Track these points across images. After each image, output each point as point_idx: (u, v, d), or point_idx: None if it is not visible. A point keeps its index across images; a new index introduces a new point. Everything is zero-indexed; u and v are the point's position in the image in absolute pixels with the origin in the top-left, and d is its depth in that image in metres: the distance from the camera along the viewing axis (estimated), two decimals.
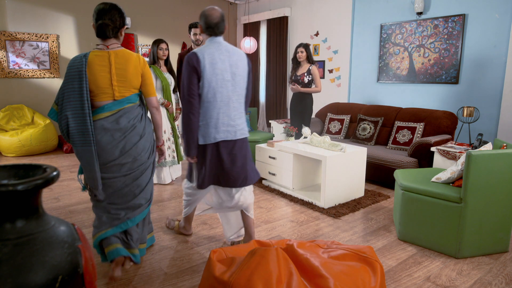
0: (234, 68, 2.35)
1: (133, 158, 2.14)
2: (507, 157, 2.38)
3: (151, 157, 2.27)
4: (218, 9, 2.37)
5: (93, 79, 2.03)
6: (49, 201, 3.59)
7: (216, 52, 2.29)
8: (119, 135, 2.08)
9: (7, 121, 5.62)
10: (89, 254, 1.23)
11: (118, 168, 2.12)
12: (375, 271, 1.76)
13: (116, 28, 2.08)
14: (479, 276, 2.28)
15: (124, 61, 2.08)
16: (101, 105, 2.07)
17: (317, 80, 4.55)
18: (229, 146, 2.37)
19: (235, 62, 2.36)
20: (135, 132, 2.13)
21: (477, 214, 2.44)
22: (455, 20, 4.76)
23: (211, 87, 2.27)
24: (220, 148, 2.35)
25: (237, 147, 2.40)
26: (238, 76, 2.36)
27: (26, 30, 5.93)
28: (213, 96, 2.29)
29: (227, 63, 2.32)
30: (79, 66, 2.01)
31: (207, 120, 2.32)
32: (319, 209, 3.40)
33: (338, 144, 3.58)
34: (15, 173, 1.23)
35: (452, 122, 4.25)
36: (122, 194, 2.16)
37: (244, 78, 2.43)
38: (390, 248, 2.66)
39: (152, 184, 2.32)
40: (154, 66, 4.00)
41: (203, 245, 2.69)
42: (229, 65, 2.33)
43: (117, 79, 2.07)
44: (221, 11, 2.37)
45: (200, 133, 2.34)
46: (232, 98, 2.36)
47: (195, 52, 2.26)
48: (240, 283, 1.57)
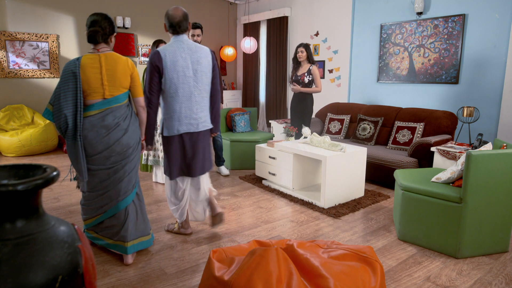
0: (196, 65, 2.52)
1: (116, 153, 2.32)
2: (507, 157, 2.38)
3: (135, 153, 2.43)
4: (181, 9, 2.52)
5: (85, 80, 2.21)
6: (49, 201, 3.59)
7: (177, 50, 2.46)
8: (104, 131, 2.27)
9: (7, 121, 5.62)
10: (89, 254, 1.23)
11: (102, 161, 2.31)
12: (375, 271, 1.76)
13: (105, 34, 2.28)
14: (479, 276, 2.28)
15: (113, 62, 2.27)
16: (92, 103, 2.26)
17: (317, 80, 4.55)
18: (192, 138, 2.59)
19: (197, 59, 2.52)
20: (118, 129, 2.30)
21: (477, 214, 2.44)
22: (455, 20, 4.76)
23: (172, 83, 2.46)
24: (184, 139, 2.56)
25: (200, 138, 2.61)
26: (200, 72, 2.54)
27: (26, 30, 5.93)
28: (175, 91, 2.48)
29: (188, 60, 2.49)
30: (73, 68, 2.20)
31: (171, 114, 2.51)
32: (319, 209, 3.40)
33: (338, 144, 3.59)
34: (15, 173, 1.23)
35: (452, 122, 4.25)
36: (107, 184, 2.36)
37: (207, 74, 2.60)
38: (390, 248, 2.66)
39: (135, 175, 2.46)
40: None
41: (203, 245, 2.69)
42: (190, 62, 2.50)
43: (107, 79, 2.25)
44: (184, 11, 2.52)
45: (165, 125, 2.55)
46: (194, 93, 2.54)
47: (158, 51, 2.45)
48: (240, 283, 1.57)
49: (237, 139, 4.76)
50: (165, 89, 2.48)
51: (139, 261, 2.45)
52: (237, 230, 2.96)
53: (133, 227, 2.43)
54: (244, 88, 8.34)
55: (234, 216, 3.25)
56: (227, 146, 4.82)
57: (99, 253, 2.55)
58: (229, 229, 2.98)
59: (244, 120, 5.12)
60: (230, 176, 4.53)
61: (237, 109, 5.22)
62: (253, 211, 3.38)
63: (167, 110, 2.53)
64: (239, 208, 3.46)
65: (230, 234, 2.89)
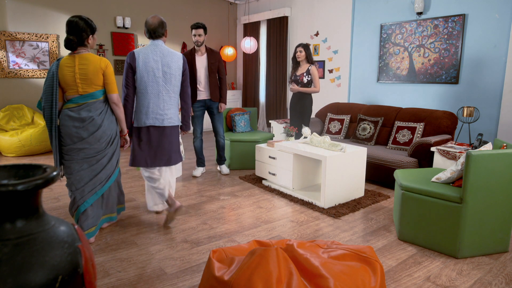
0: (166, 67, 2.87)
1: (89, 145, 2.59)
2: (507, 157, 2.38)
3: (109, 147, 2.69)
4: (158, 17, 2.89)
5: (62, 78, 2.54)
6: (49, 201, 3.59)
7: (151, 53, 2.85)
8: (78, 124, 2.55)
9: (7, 121, 5.63)
10: (89, 254, 1.23)
11: (76, 153, 2.59)
12: (375, 271, 1.76)
13: (81, 41, 2.54)
14: (479, 276, 2.28)
15: (86, 62, 2.54)
16: (70, 98, 2.59)
17: (315, 80, 4.55)
18: (157, 131, 2.92)
19: (168, 63, 2.88)
20: (92, 123, 2.57)
21: (477, 214, 2.44)
22: (455, 20, 4.76)
23: (143, 81, 2.84)
24: (150, 131, 2.91)
25: (166, 133, 2.95)
26: (169, 74, 2.89)
27: (26, 30, 5.93)
28: (145, 89, 2.86)
29: (159, 63, 2.86)
30: (53, 68, 2.55)
31: (140, 108, 2.89)
32: (319, 209, 3.40)
33: (338, 144, 3.58)
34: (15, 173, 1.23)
35: (452, 122, 4.25)
36: (81, 176, 2.62)
37: (177, 77, 2.95)
38: (390, 248, 2.66)
39: (110, 169, 2.72)
40: None
41: (203, 245, 2.70)
42: (161, 64, 2.86)
43: (80, 77, 2.54)
44: (161, 19, 2.89)
45: (135, 117, 2.93)
46: (162, 92, 2.89)
47: (133, 51, 2.84)
48: (240, 283, 1.57)
49: (237, 139, 4.76)
50: (137, 86, 2.87)
51: (139, 261, 2.45)
52: (237, 230, 2.96)
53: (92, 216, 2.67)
54: (244, 88, 8.34)
55: (234, 216, 3.25)
56: (227, 146, 4.82)
57: (99, 253, 2.55)
58: (229, 229, 2.98)
59: (244, 120, 5.12)
60: (230, 176, 4.53)
61: (237, 109, 5.22)
62: (253, 211, 3.38)
63: (137, 104, 2.91)
64: (239, 208, 3.46)
65: (230, 234, 2.89)
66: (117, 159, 2.79)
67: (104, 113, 2.64)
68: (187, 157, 5.52)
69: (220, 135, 4.51)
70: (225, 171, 4.61)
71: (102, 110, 2.63)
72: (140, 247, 2.64)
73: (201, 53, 4.25)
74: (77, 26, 2.50)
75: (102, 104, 2.64)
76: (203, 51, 4.25)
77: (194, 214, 3.28)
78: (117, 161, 2.80)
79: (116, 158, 2.78)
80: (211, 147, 6.35)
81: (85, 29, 2.53)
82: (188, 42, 7.86)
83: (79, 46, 2.55)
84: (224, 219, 3.19)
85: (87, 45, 2.59)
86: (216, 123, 4.46)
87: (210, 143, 6.68)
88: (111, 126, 2.68)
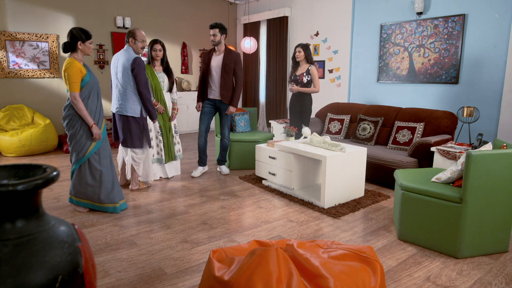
0: (117, 67, 3.62)
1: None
2: (507, 157, 2.38)
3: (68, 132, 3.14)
4: (131, 29, 3.69)
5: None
6: (49, 201, 3.59)
7: (117, 55, 3.67)
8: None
9: (7, 121, 5.62)
10: (89, 254, 1.23)
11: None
12: (375, 271, 1.76)
13: (66, 48, 3.03)
14: (479, 276, 2.28)
15: (64, 64, 3.02)
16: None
17: (315, 80, 4.55)
18: (116, 117, 3.75)
19: (119, 63, 3.60)
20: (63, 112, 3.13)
21: (477, 214, 2.44)
22: (455, 20, 4.76)
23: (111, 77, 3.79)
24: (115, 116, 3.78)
25: (117, 119, 3.72)
26: (119, 72, 3.60)
27: (26, 30, 5.93)
28: (112, 83, 3.77)
29: (116, 63, 3.64)
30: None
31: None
32: (319, 209, 3.40)
33: (338, 144, 3.58)
34: (15, 173, 1.23)
35: (452, 122, 4.25)
36: None
37: (123, 75, 3.57)
38: (390, 248, 2.66)
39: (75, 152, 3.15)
40: (148, 66, 4.10)
41: (203, 245, 2.70)
42: (117, 65, 3.63)
43: (63, 76, 3.06)
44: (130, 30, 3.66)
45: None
46: (116, 87, 3.67)
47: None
48: (240, 283, 1.57)
49: (237, 139, 4.76)
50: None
51: (139, 261, 2.45)
52: (237, 230, 2.96)
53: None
54: (244, 88, 8.34)
55: (234, 216, 3.25)
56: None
57: (99, 253, 2.55)
58: (229, 229, 2.98)
59: (244, 120, 5.12)
60: (230, 176, 4.53)
61: (237, 109, 5.22)
62: (253, 211, 3.38)
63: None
64: (239, 208, 3.46)
65: (230, 234, 2.89)
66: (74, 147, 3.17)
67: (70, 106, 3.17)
68: (187, 157, 5.52)
69: (225, 135, 4.52)
70: (225, 172, 4.61)
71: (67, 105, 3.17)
72: (140, 247, 2.64)
73: (219, 53, 4.28)
74: (68, 36, 3.08)
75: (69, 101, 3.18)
76: (221, 51, 4.27)
77: (194, 214, 3.28)
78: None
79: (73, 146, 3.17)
80: (212, 147, 6.35)
81: (70, 38, 3.05)
82: (188, 42, 7.86)
83: (72, 51, 3.07)
84: (224, 219, 3.19)
85: (79, 49, 3.07)
86: (222, 124, 4.49)
87: (210, 143, 6.68)
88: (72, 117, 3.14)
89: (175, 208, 3.44)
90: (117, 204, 3.28)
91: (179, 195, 3.80)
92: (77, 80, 2.97)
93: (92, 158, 3.16)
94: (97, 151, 3.18)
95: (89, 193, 3.22)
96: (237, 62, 4.28)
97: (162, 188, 4.04)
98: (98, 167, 3.18)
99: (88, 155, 3.14)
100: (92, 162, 3.16)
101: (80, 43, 3.01)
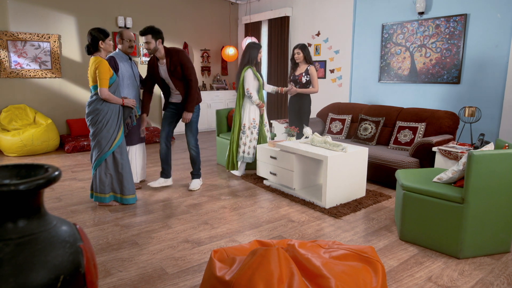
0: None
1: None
2: (509, 157, 2.38)
3: (96, 128, 3.31)
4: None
5: None
6: (51, 201, 3.60)
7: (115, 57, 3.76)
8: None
9: (9, 121, 5.64)
10: (90, 254, 1.23)
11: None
12: (377, 271, 1.75)
13: (89, 49, 3.25)
14: (480, 277, 2.28)
15: (90, 63, 3.25)
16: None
17: (314, 81, 4.54)
18: None
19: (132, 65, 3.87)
20: (87, 109, 3.34)
21: (479, 214, 2.43)
22: (456, 20, 4.75)
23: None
24: None
25: None
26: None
27: (28, 30, 5.95)
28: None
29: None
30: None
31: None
32: (321, 209, 3.40)
33: (339, 144, 3.58)
34: (17, 173, 1.23)
35: (454, 122, 4.24)
36: None
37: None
38: (392, 248, 2.65)
39: (97, 145, 3.33)
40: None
41: (204, 245, 2.70)
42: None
43: (88, 73, 3.27)
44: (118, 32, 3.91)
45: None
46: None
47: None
48: (241, 283, 1.57)
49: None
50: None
51: (140, 260, 2.45)
52: (238, 230, 2.96)
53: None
54: None
55: (235, 216, 3.25)
56: (227, 146, 4.81)
57: (101, 252, 2.56)
58: (230, 229, 2.98)
59: None
60: (231, 176, 4.53)
61: None
62: (254, 211, 3.38)
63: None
64: (240, 208, 3.46)
65: (231, 234, 2.89)
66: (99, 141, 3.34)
67: (94, 102, 3.36)
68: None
69: (190, 144, 3.95)
70: (192, 187, 3.98)
71: (95, 99, 3.32)
72: (142, 247, 2.65)
73: (162, 61, 3.70)
74: (88, 36, 3.29)
75: (95, 96, 3.35)
76: (162, 57, 3.67)
77: (195, 214, 3.29)
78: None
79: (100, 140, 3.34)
80: (212, 147, 6.35)
81: (91, 38, 3.26)
82: (189, 42, 7.87)
83: (95, 51, 3.26)
84: (225, 219, 3.19)
85: (101, 47, 3.26)
86: (186, 131, 3.94)
87: (211, 143, 6.68)
88: (95, 113, 3.37)
89: (177, 208, 3.44)
90: (134, 195, 3.53)
91: (180, 195, 3.81)
92: (107, 77, 3.20)
93: (116, 152, 3.37)
94: (120, 144, 3.38)
95: (114, 184, 3.43)
96: (183, 63, 3.64)
97: (163, 188, 4.04)
98: (121, 160, 3.39)
99: (113, 149, 3.34)
100: (116, 155, 3.38)
101: (101, 43, 3.22)
